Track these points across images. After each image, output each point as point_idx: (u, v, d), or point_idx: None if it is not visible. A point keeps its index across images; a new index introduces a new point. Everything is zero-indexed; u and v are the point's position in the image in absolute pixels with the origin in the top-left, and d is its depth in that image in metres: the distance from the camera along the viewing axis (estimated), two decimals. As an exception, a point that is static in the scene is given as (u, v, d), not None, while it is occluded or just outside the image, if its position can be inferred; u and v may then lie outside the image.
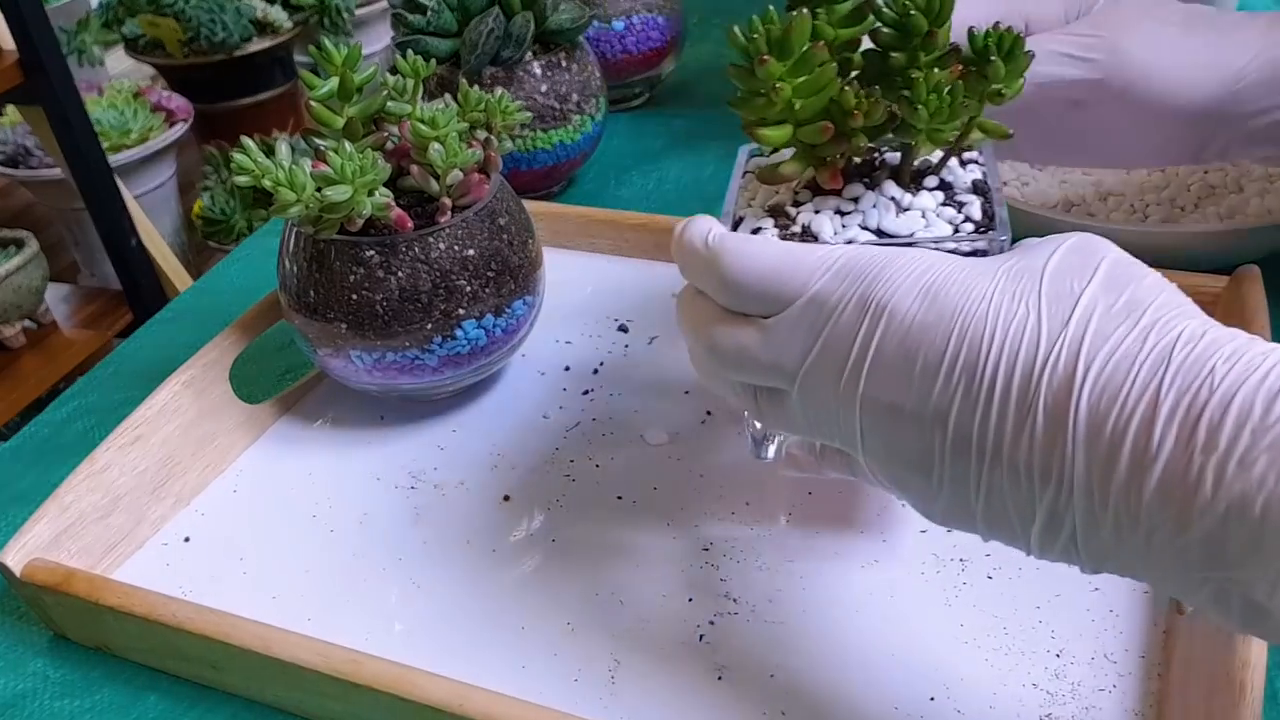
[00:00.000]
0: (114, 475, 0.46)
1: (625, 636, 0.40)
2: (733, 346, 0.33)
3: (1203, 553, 0.25)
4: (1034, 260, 0.30)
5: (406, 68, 0.48)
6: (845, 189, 0.37)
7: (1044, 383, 0.27)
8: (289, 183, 0.43)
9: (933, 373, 0.28)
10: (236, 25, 1.92)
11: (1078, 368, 0.27)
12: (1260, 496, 0.24)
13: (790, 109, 0.35)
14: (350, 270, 0.46)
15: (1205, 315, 0.28)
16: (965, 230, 0.35)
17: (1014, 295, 0.28)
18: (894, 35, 0.36)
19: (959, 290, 0.29)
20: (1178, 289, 0.29)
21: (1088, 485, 0.26)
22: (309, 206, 0.44)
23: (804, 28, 0.34)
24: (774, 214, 0.37)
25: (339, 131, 0.48)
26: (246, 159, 0.43)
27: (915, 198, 0.36)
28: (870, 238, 0.35)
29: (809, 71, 0.35)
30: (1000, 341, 0.28)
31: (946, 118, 0.34)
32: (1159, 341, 0.26)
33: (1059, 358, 0.27)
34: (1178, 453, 0.25)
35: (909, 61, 0.36)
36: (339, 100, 0.48)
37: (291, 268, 0.48)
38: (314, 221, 0.46)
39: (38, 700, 0.41)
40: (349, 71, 0.47)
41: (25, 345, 1.48)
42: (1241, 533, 0.24)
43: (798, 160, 0.37)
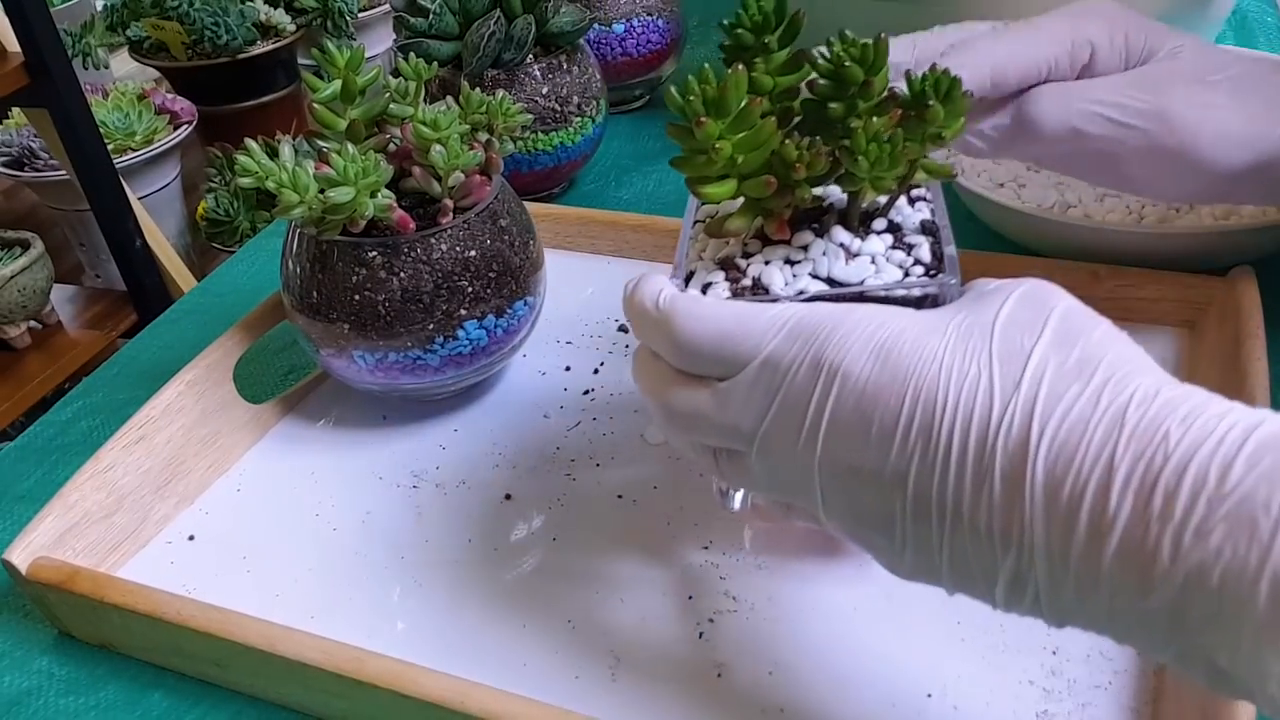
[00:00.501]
0: (118, 474, 0.46)
1: (625, 634, 0.40)
2: (689, 410, 0.32)
3: (1165, 619, 0.25)
4: (984, 314, 0.29)
5: (409, 70, 0.49)
6: (795, 237, 0.37)
7: (999, 446, 0.27)
8: (292, 184, 0.43)
9: (889, 435, 0.28)
10: (240, 28, 1.93)
11: (1032, 431, 0.26)
12: (1218, 567, 0.24)
13: (733, 164, 0.35)
14: (353, 271, 0.46)
15: (1158, 370, 0.28)
16: (915, 273, 0.35)
17: (965, 354, 0.28)
18: (830, 85, 0.36)
19: (911, 349, 0.29)
20: (1129, 340, 0.29)
21: (1048, 549, 0.26)
22: (312, 208, 0.44)
23: (740, 84, 0.34)
24: (724, 267, 0.37)
25: (342, 133, 0.48)
26: (250, 161, 0.43)
27: (864, 242, 0.36)
28: (821, 286, 0.35)
29: (748, 127, 0.35)
30: (954, 403, 0.28)
31: (888, 165, 0.34)
32: (1113, 402, 0.26)
33: (1013, 420, 0.27)
34: (1135, 520, 0.25)
35: (847, 111, 0.36)
36: (342, 103, 0.48)
37: (295, 269, 0.48)
38: (317, 223, 0.46)
39: (43, 698, 0.42)
40: (352, 74, 0.48)
41: (30, 345, 1.48)
42: (1201, 602, 0.24)
43: (743, 214, 0.37)
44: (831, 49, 0.35)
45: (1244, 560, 0.24)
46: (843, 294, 0.34)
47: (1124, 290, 0.52)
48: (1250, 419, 0.25)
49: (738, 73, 0.34)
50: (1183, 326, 0.51)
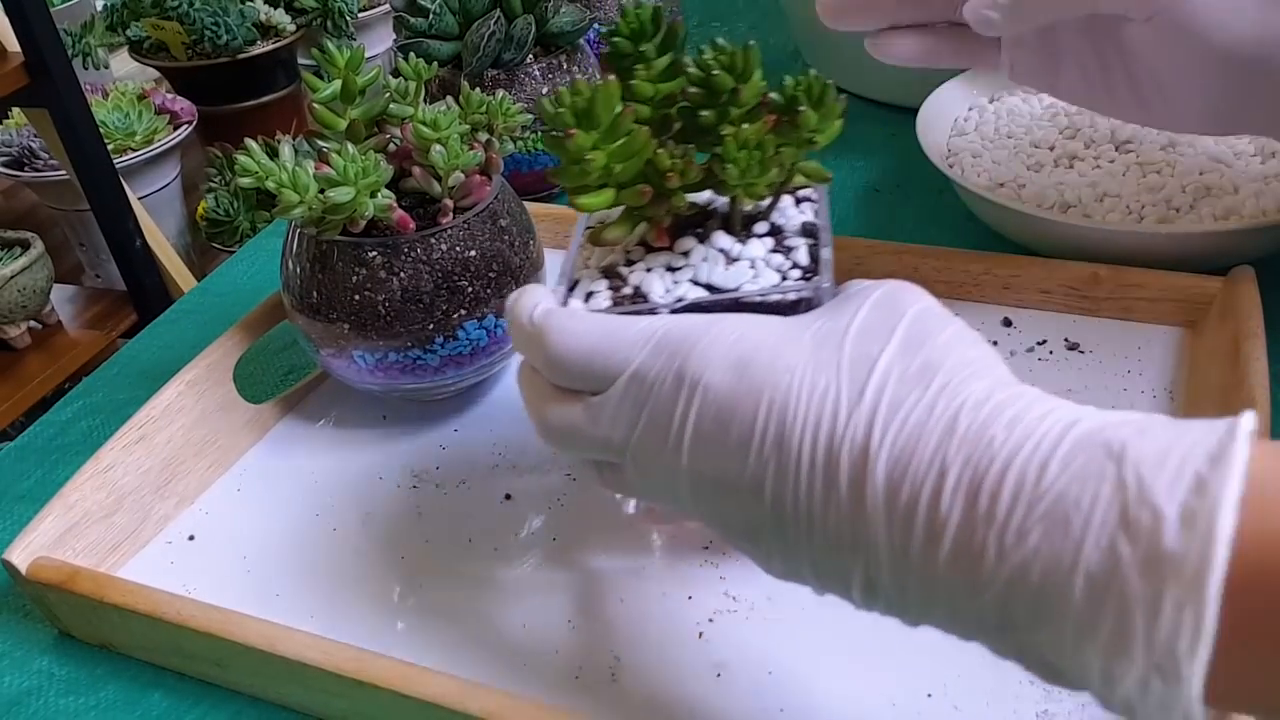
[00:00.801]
0: (118, 474, 0.46)
1: (625, 634, 0.40)
2: (564, 424, 0.33)
3: (996, 618, 0.26)
4: (840, 321, 0.30)
5: (409, 70, 0.49)
6: (677, 243, 0.37)
7: (844, 455, 0.28)
8: (292, 184, 0.43)
9: (746, 445, 0.29)
10: (240, 28, 1.93)
11: (872, 439, 0.27)
12: (1036, 566, 0.25)
13: (609, 174, 0.35)
14: (353, 271, 0.46)
15: (997, 372, 0.28)
16: (792, 277, 0.35)
17: (818, 364, 0.29)
18: (701, 93, 0.36)
19: (767, 361, 0.29)
20: (978, 340, 0.30)
21: (891, 553, 0.27)
22: (312, 208, 0.44)
23: (610, 96, 0.35)
24: (608, 275, 0.37)
25: (341, 133, 0.48)
26: (250, 161, 0.43)
27: (745, 246, 0.37)
28: (701, 293, 0.35)
29: (621, 137, 0.35)
30: (805, 413, 0.28)
31: (758, 173, 0.35)
32: (947, 408, 0.27)
33: (856, 429, 0.28)
34: (964, 522, 0.26)
35: (718, 119, 0.36)
36: (342, 103, 0.48)
37: (295, 269, 0.48)
38: (317, 223, 0.46)
39: (42, 698, 0.42)
40: (351, 74, 0.48)
41: (30, 345, 1.48)
42: (1025, 601, 0.25)
43: (622, 223, 0.37)
44: (702, 57, 0.36)
45: (1059, 557, 0.24)
46: (720, 300, 0.35)
47: (1124, 290, 0.52)
48: (1067, 418, 0.26)
49: (608, 84, 0.35)
50: (1183, 326, 0.51)
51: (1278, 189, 0.55)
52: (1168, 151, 0.58)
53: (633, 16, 0.37)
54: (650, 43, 0.37)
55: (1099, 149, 0.60)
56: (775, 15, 0.94)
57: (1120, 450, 0.25)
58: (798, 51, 0.87)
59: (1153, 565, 0.23)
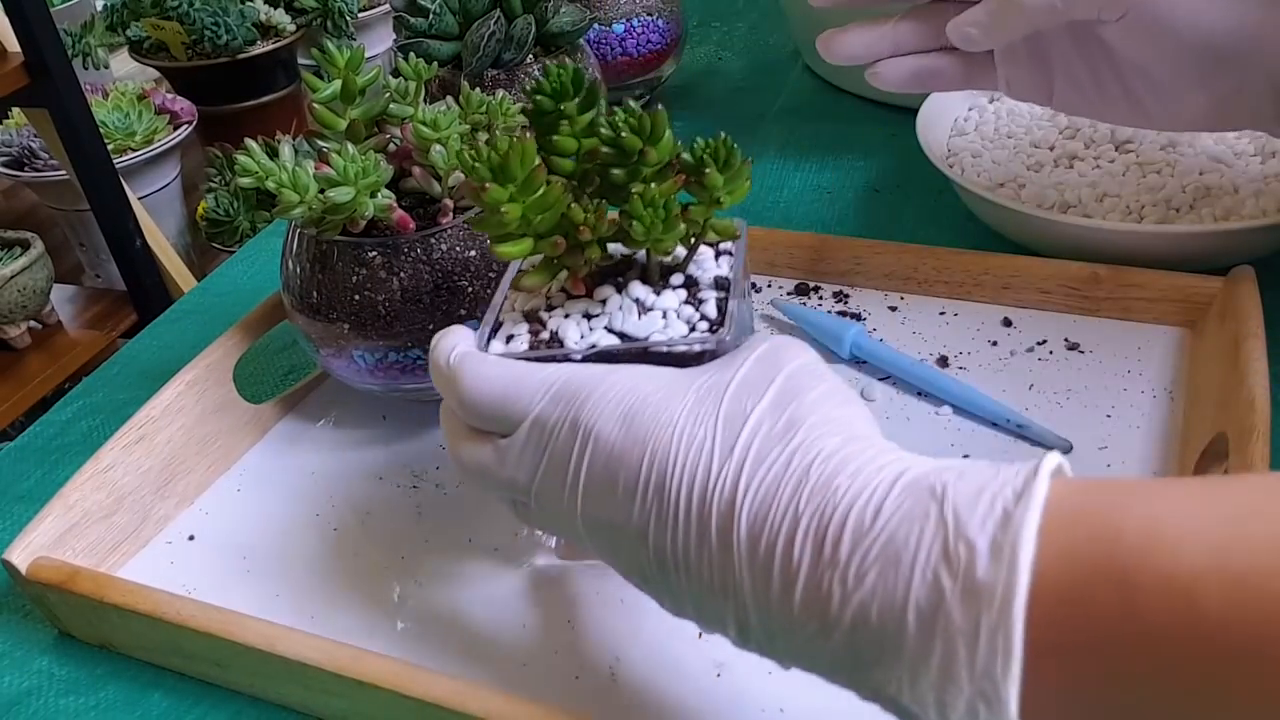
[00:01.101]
0: (118, 474, 0.46)
1: (625, 634, 0.40)
2: (475, 463, 0.35)
3: (848, 658, 0.27)
4: (724, 375, 0.32)
5: (408, 70, 0.49)
6: (596, 291, 0.39)
7: (714, 505, 0.29)
8: (292, 184, 0.44)
9: (631, 494, 0.30)
10: (240, 28, 1.93)
11: (739, 490, 0.29)
12: (874, 605, 0.26)
13: (527, 224, 0.37)
14: (353, 271, 0.46)
15: (857, 428, 0.30)
16: (700, 329, 0.37)
17: (697, 418, 0.30)
18: (613, 153, 0.38)
19: (652, 414, 0.31)
20: (849, 399, 0.31)
21: (754, 598, 0.28)
22: (312, 208, 0.44)
23: (525, 153, 0.37)
24: (529, 319, 0.39)
25: (341, 133, 0.48)
26: (250, 161, 0.43)
27: (659, 297, 0.38)
28: (614, 340, 0.37)
29: (536, 191, 0.37)
30: (682, 465, 0.30)
31: (663, 230, 0.36)
32: (801, 462, 0.28)
33: (725, 481, 0.29)
34: (812, 568, 0.27)
35: (629, 176, 0.38)
36: (342, 102, 0.48)
37: (295, 269, 0.48)
38: (317, 222, 0.46)
39: (42, 698, 0.42)
40: (351, 74, 0.48)
41: (30, 345, 1.48)
42: (868, 640, 0.26)
43: (539, 272, 0.39)
44: (613, 118, 0.38)
45: (892, 595, 0.26)
46: (629, 349, 0.36)
47: (1124, 290, 0.52)
48: (899, 467, 0.28)
49: (525, 142, 0.37)
50: (1183, 326, 0.51)
51: (1277, 189, 0.55)
52: (1167, 152, 0.58)
53: (555, 75, 0.39)
54: (571, 102, 0.39)
55: (1099, 149, 0.60)
56: (775, 15, 0.94)
57: (941, 492, 0.26)
58: (797, 51, 0.87)
59: (970, 596, 0.25)
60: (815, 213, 0.66)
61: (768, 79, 0.85)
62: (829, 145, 0.73)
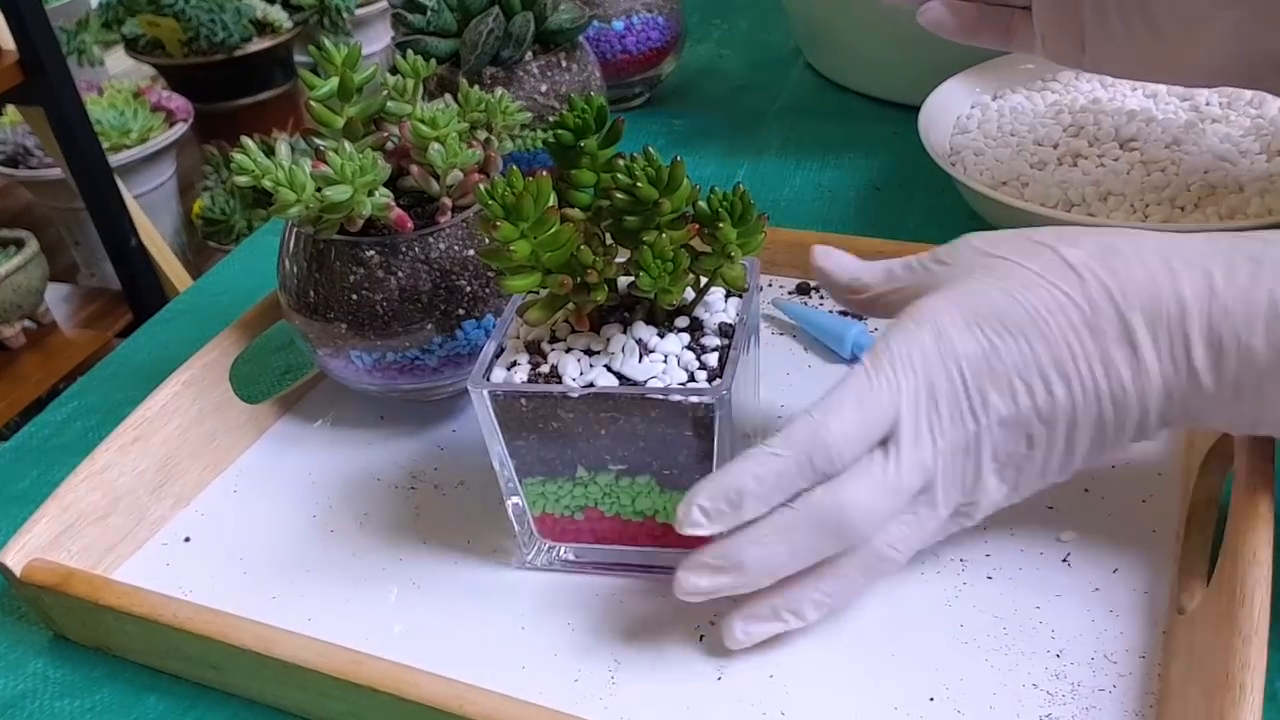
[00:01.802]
0: (114, 475, 0.46)
1: (625, 636, 0.40)
2: (886, 489, 0.35)
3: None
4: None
5: (406, 68, 0.48)
6: (603, 328, 0.40)
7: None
8: (289, 183, 0.43)
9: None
10: (236, 25, 1.92)
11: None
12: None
13: (536, 259, 0.38)
14: (350, 270, 0.46)
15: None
16: (700, 378, 0.38)
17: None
18: (627, 200, 0.38)
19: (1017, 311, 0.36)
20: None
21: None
22: (309, 206, 0.44)
23: (540, 191, 0.37)
24: (531, 349, 0.40)
25: (339, 131, 0.48)
26: (246, 159, 0.43)
27: (663, 340, 0.39)
28: (611, 381, 0.38)
29: (548, 229, 0.38)
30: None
31: (669, 282, 0.37)
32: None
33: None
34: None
35: (642, 224, 0.38)
36: (339, 100, 0.48)
37: (291, 268, 0.48)
38: (314, 221, 0.46)
39: (38, 700, 0.41)
40: (349, 71, 0.47)
41: (25, 345, 1.48)
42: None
43: (543, 307, 0.39)
44: (632, 164, 0.38)
45: None
46: (626, 392, 0.37)
47: (1127, 289, 0.51)
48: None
49: (541, 179, 0.37)
50: (1186, 326, 0.51)
51: (1281, 188, 0.54)
52: (1172, 150, 0.58)
53: (580, 110, 0.40)
54: (591, 139, 0.40)
55: (1103, 147, 0.60)
56: (775, 14, 0.94)
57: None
58: (798, 50, 0.86)
59: None
60: (816, 211, 0.66)
61: (768, 76, 0.85)
62: (830, 143, 0.73)
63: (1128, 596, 0.39)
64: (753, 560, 0.36)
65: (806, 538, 0.35)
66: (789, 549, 0.36)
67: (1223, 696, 0.31)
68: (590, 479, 0.40)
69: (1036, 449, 0.36)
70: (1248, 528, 0.35)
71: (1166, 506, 0.42)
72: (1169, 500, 0.43)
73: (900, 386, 0.35)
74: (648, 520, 0.41)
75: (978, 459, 0.36)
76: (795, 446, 0.35)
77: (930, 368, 0.35)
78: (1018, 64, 0.68)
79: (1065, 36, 0.51)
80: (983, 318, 0.36)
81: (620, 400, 0.37)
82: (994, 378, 0.35)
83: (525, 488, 0.41)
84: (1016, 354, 0.35)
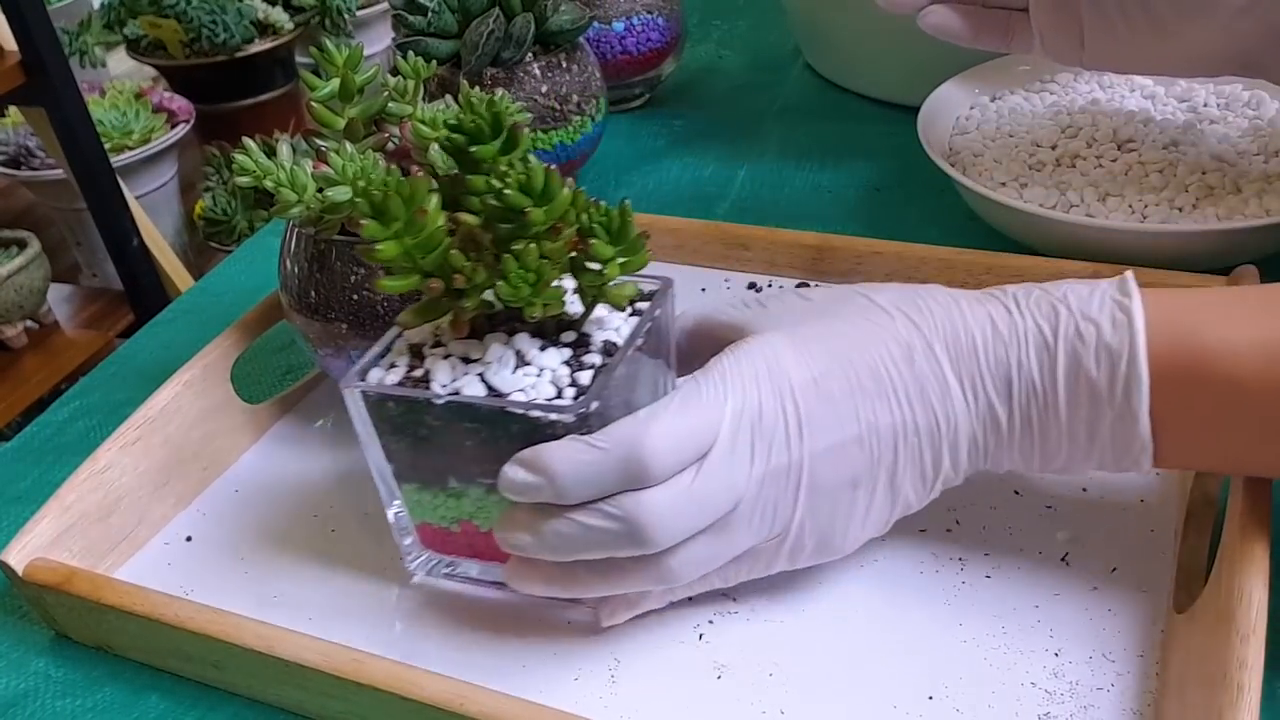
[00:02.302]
0: (115, 475, 0.46)
1: (625, 636, 0.40)
2: (690, 505, 0.35)
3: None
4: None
5: (407, 69, 0.49)
6: (489, 335, 0.39)
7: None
8: (290, 183, 0.43)
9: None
10: (238, 26, 1.93)
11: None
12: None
13: (412, 261, 0.37)
14: (351, 270, 0.46)
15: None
16: (568, 395, 0.36)
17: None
18: (498, 208, 0.37)
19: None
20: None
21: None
22: (310, 207, 0.44)
23: (414, 191, 0.36)
24: (413, 352, 0.39)
25: (340, 132, 0.48)
26: (248, 160, 0.43)
27: (542, 354, 0.38)
28: (479, 391, 0.37)
29: (418, 232, 0.37)
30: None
31: (531, 294, 0.36)
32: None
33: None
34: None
35: (512, 234, 0.37)
36: (340, 101, 0.48)
37: (292, 268, 0.48)
38: (315, 222, 0.46)
39: (39, 700, 0.42)
40: (350, 73, 0.47)
41: (27, 345, 1.48)
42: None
43: (419, 312, 0.38)
44: (506, 171, 0.37)
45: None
46: (488, 404, 0.36)
47: (1126, 290, 0.51)
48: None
49: (417, 180, 0.37)
50: (1184, 326, 0.51)
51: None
52: (1170, 151, 0.58)
53: (475, 114, 0.38)
54: (489, 145, 0.39)
55: (1100, 148, 0.60)
56: (776, 13, 0.94)
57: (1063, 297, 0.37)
58: (798, 50, 0.86)
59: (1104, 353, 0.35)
60: (816, 212, 0.66)
61: (768, 77, 0.85)
62: (830, 144, 0.73)
63: (1126, 595, 0.39)
64: (549, 531, 0.36)
65: (600, 527, 0.35)
66: (582, 531, 0.35)
67: (1221, 695, 0.31)
68: (463, 491, 0.39)
69: (860, 488, 0.37)
70: (1246, 527, 0.36)
71: (1165, 506, 0.42)
72: (1167, 499, 0.43)
73: (727, 400, 0.36)
74: None
75: (795, 489, 0.36)
76: (614, 441, 0.35)
77: (761, 388, 0.36)
78: (1016, 65, 0.68)
79: (1063, 34, 0.52)
80: (812, 349, 0.37)
81: (483, 412, 0.36)
82: (822, 404, 0.36)
83: (404, 494, 0.40)
84: (844, 382, 0.36)
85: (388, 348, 0.40)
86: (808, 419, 0.36)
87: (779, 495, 0.36)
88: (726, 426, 0.35)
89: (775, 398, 0.36)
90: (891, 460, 0.37)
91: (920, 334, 0.37)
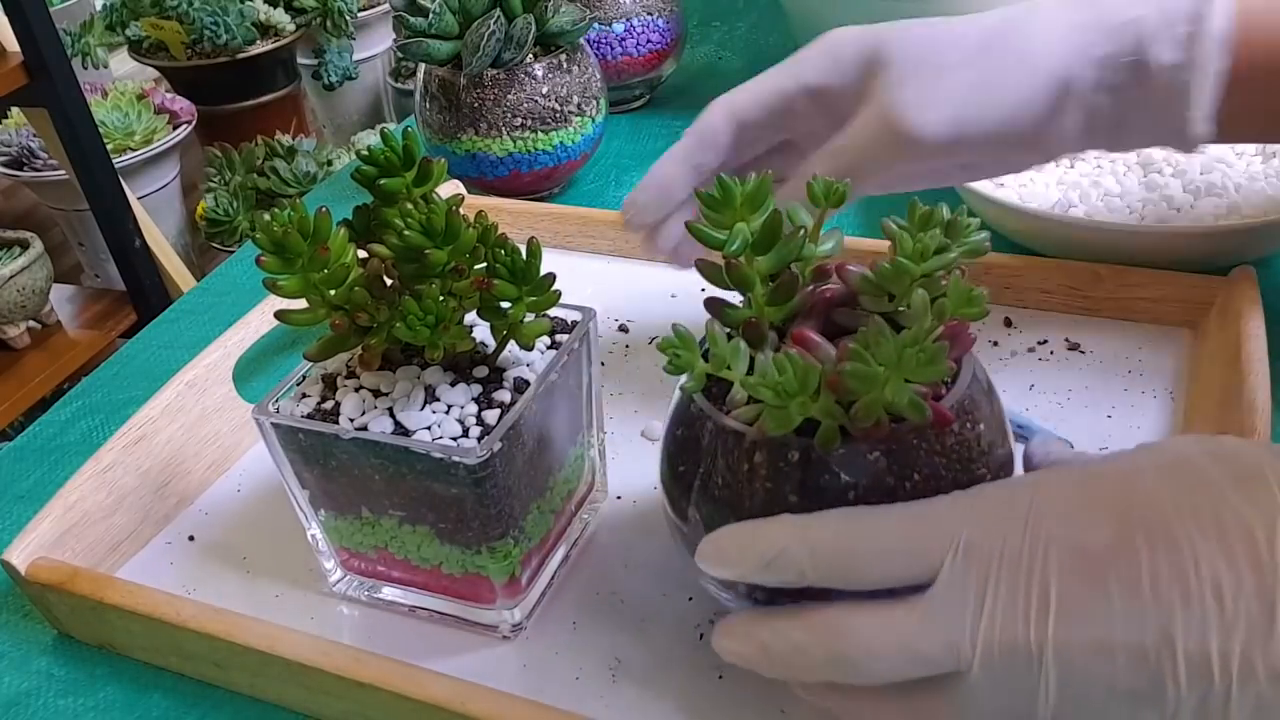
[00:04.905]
0: (118, 474, 0.46)
1: (626, 635, 0.40)
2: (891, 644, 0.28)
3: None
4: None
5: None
6: (401, 369, 0.38)
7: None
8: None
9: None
10: (239, 27, 1.93)
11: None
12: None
13: (320, 295, 0.37)
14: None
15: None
16: (474, 434, 0.36)
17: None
18: (401, 247, 0.37)
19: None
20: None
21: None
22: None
23: (319, 227, 0.36)
24: (326, 382, 0.39)
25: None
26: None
27: (452, 389, 0.37)
28: (385, 427, 0.36)
29: (322, 267, 0.36)
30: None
31: (431, 336, 0.35)
32: None
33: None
34: None
35: (416, 273, 0.37)
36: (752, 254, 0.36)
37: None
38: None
39: (41, 698, 0.42)
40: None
41: (30, 345, 1.48)
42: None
43: (324, 346, 0.38)
44: (410, 211, 0.36)
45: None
46: (391, 441, 0.35)
47: (1125, 290, 0.52)
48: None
49: (320, 216, 0.36)
50: (1184, 326, 0.51)
51: (1278, 188, 0.55)
52: (1168, 151, 0.58)
53: (386, 149, 0.38)
54: (399, 178, 0.38)
55: (1100, 149, 0.60)
56: (775, 15, 0.94)
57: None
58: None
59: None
60: (816, 212, 0.66)
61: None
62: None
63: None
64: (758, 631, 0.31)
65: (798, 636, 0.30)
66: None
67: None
68: (375, 520, 0.39)
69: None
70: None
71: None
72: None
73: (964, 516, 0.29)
74: (434, 569, 0.40)
75: (1030, 697, 0.27)
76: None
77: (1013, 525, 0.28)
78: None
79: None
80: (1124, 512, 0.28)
81: (386, 449, 0.36)
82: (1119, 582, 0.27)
83: (322, 519, 0.41)
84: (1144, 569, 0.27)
85: (303, 377, 0.39)
86: (1066, 594, 0.28)
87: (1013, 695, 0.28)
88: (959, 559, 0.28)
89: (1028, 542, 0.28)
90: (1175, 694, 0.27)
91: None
